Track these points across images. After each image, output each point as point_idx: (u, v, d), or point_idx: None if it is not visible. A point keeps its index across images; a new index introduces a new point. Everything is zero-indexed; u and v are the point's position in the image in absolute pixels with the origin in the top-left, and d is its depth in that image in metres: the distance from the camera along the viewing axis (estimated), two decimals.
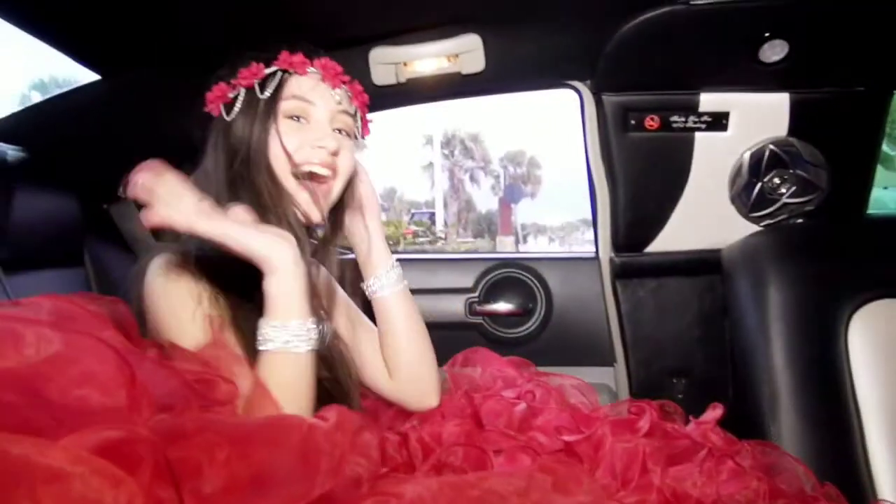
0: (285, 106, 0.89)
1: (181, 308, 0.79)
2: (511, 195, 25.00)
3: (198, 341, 0.76)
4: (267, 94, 0.88)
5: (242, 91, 0.90)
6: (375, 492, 0.57)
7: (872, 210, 1.47)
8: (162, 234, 1.48)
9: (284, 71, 0.90)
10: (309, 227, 0.92)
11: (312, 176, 0.89)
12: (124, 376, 0.52)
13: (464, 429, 0.92)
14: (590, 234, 1.62)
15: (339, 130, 0.93)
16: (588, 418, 0.95)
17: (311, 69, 0.91)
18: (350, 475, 0.60)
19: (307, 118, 0.90)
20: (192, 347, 0.74)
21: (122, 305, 0.75)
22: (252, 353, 0.77)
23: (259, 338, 0.76)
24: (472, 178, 26.11)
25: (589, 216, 1.58)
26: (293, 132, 0.88)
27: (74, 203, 1.25)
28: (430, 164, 24.86)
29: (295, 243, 0.78)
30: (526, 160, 26.38)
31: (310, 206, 0.88)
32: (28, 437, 0.43)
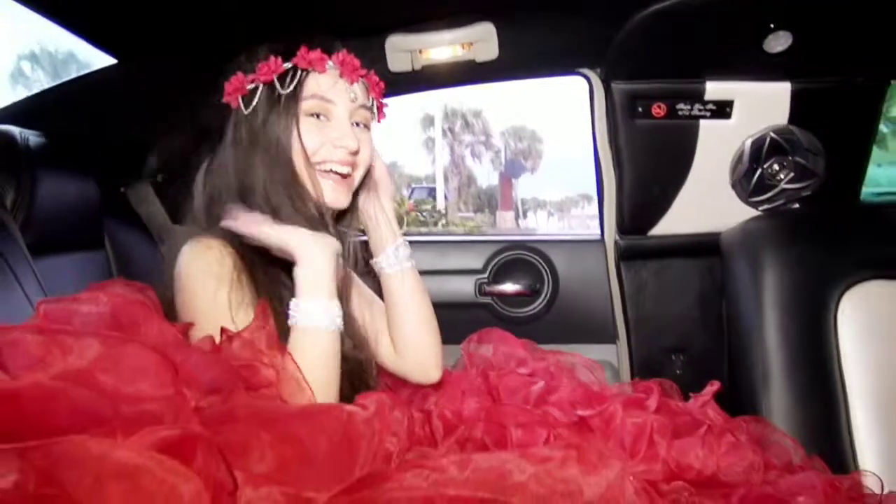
0: (306, 105, 0.90)
1: (204, 289, 0.84)
2: (512, 170, 24.89)
3: (221, 321, 0.80)
4: (287, 90, 0.89)
5: (261, 85, 0.91)
6: (411, 465, 0.63)
7: (866, 187, 1.52)
8: (180, 217, 1.52)
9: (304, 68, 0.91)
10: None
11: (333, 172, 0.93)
12: (168, 370, 0.58)
13: (483, 405, 0.98)
14: (589, 210, 1.69)
15: (357, 123, 0.95)
16: (599, 396, 1.01)
17: (329, 65, 0.92)
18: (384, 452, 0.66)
19: (327, 116, 0.92)
20: (215, 328, 0.78)
21: (151, 291, 0.80)
22: (282, 332, 0.82)
23: (290, 315, 0.82)
24: (473, 153, 25.97)
25: (588, 191, 1.63)
26: (314, 130, 0.90)
27: (93, 186, 1.28)
28: (431, 140, 24.71)
29: (327, 237, 0.85)
30: (528, 134, 26.22)
31: (334, 194, 0.92)
32: (106, 438, 0.49)
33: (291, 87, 0.90)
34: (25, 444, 0.45)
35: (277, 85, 0.90)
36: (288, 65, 0.91)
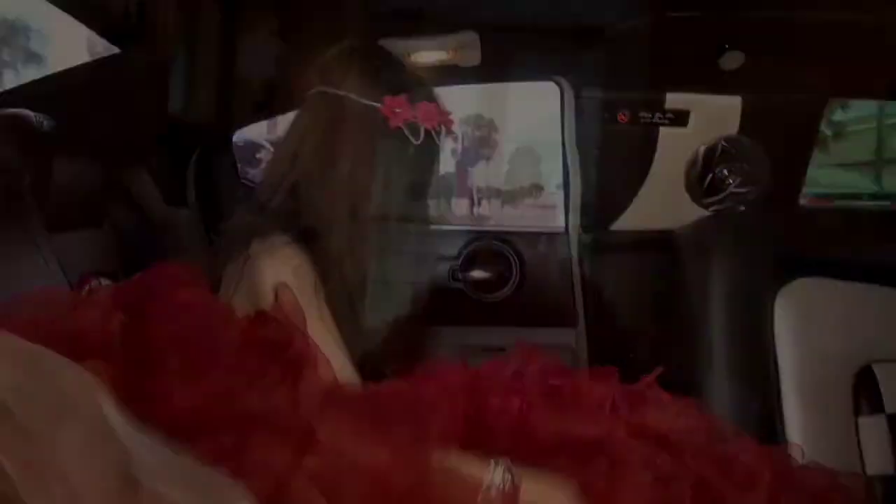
0: None
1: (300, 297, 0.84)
2: (468, 159, 24.91)
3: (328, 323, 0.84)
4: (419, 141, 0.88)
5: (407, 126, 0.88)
6: None
7: (808, 187, 1.68)
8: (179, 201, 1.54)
9: None
10: None
11: None
12: None
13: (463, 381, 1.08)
14: (542, 199, 1.77)
15: None
16: (568, 370, 1.11)
17: None
18: None
19: None
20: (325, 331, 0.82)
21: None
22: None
23: None
24: None
25: (541, 181, 1.74)
26: None
27: (98, 168, 1.31)
28: None
29: None
30: (486, 123, 26.25)
31: None
32: None
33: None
34: None
35: (422, 134, 0.88)
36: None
